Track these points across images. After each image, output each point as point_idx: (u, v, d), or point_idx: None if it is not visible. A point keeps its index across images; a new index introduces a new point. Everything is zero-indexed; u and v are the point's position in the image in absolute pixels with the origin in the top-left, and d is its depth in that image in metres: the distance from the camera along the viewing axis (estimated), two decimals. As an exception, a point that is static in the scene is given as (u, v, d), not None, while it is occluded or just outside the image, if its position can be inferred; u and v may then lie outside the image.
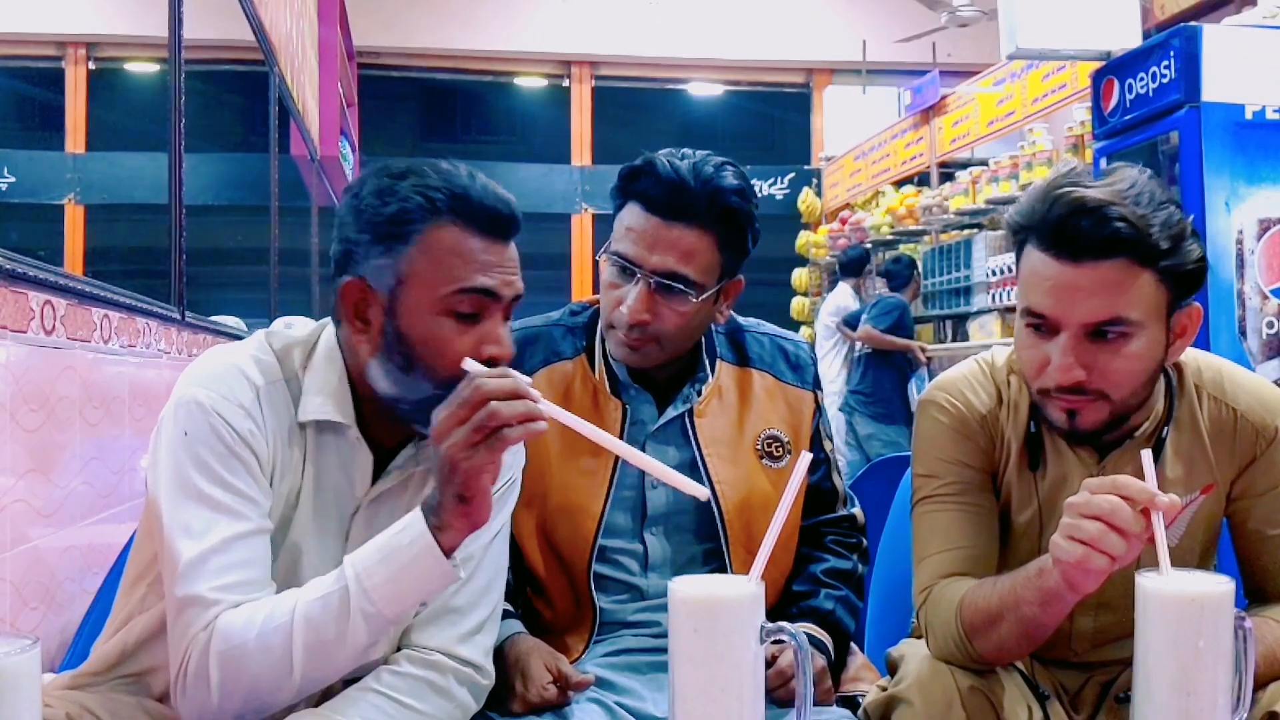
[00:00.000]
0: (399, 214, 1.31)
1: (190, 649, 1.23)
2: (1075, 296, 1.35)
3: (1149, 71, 4.34)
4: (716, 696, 1.04)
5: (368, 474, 1.38)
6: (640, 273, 1.59)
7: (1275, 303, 4.09)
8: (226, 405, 1.31)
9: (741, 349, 1.79)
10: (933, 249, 7.47)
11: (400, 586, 1.23)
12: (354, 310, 1.34)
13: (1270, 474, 1.49)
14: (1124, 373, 1.37)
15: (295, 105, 6.26)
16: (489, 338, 1.32)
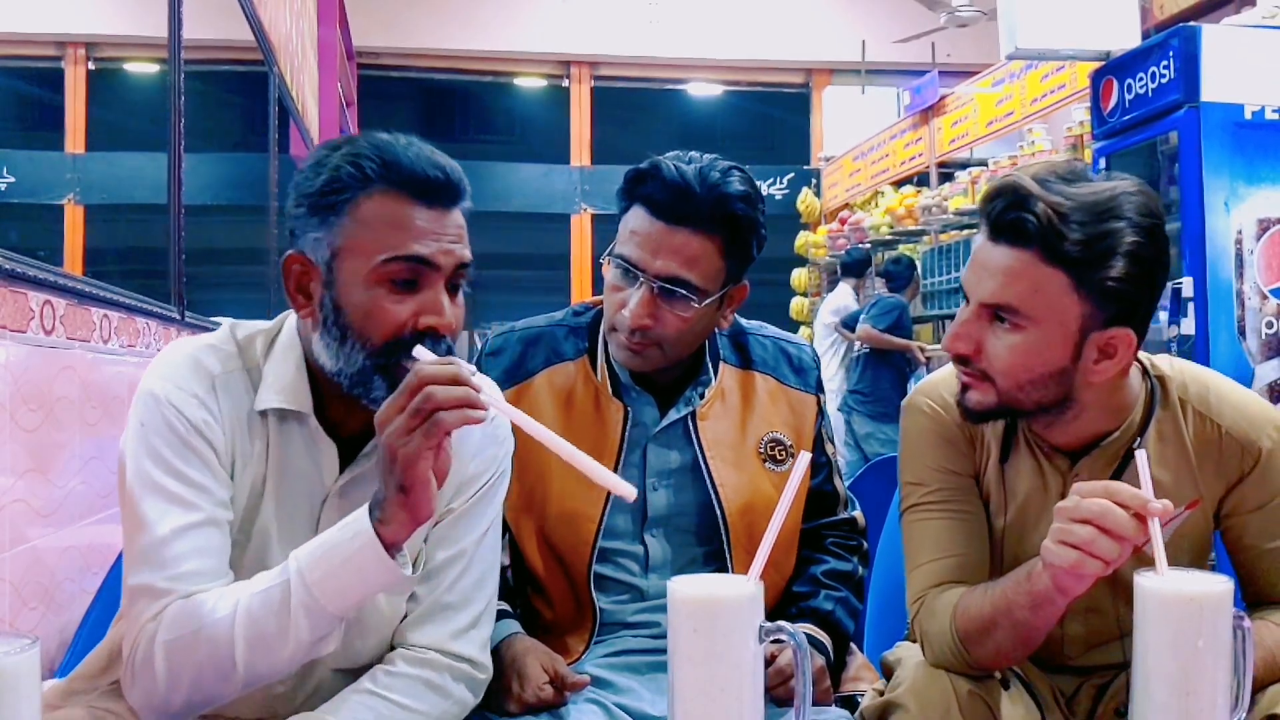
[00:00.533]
0: (330, 184, 1.30)
1: (139, 638, 1.23)
2: (982, 273, 1.38)
3: (1148, 71, 4.34)
4: (716, 696, 1.04)
5: (334, 462, 1.37)
6: (643, 277, 1.58)
7: (1274, 303, 4.09)
8: (180, 395, 1.31)
9: (744, 351, 1.79)
10: (932, 249, 7.48)
11: (342, 581, 1.21)
12: (295, 284, 1.33)
13: (1261, 491, 1.47)
14: (1007, 362, 1.38)
15: (295, 105, 6.26)
16: (428, 307, 1.29)
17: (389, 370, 1.27)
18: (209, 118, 8.44)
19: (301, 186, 1.32)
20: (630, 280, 1.61)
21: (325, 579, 1.20)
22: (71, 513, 1.96)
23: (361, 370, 1.29)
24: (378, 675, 1.34)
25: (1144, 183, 1.41)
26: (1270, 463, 1.46)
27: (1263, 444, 1.46)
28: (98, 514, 2.07)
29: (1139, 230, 1.34)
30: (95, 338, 2.09)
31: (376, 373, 1.29)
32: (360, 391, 1.30)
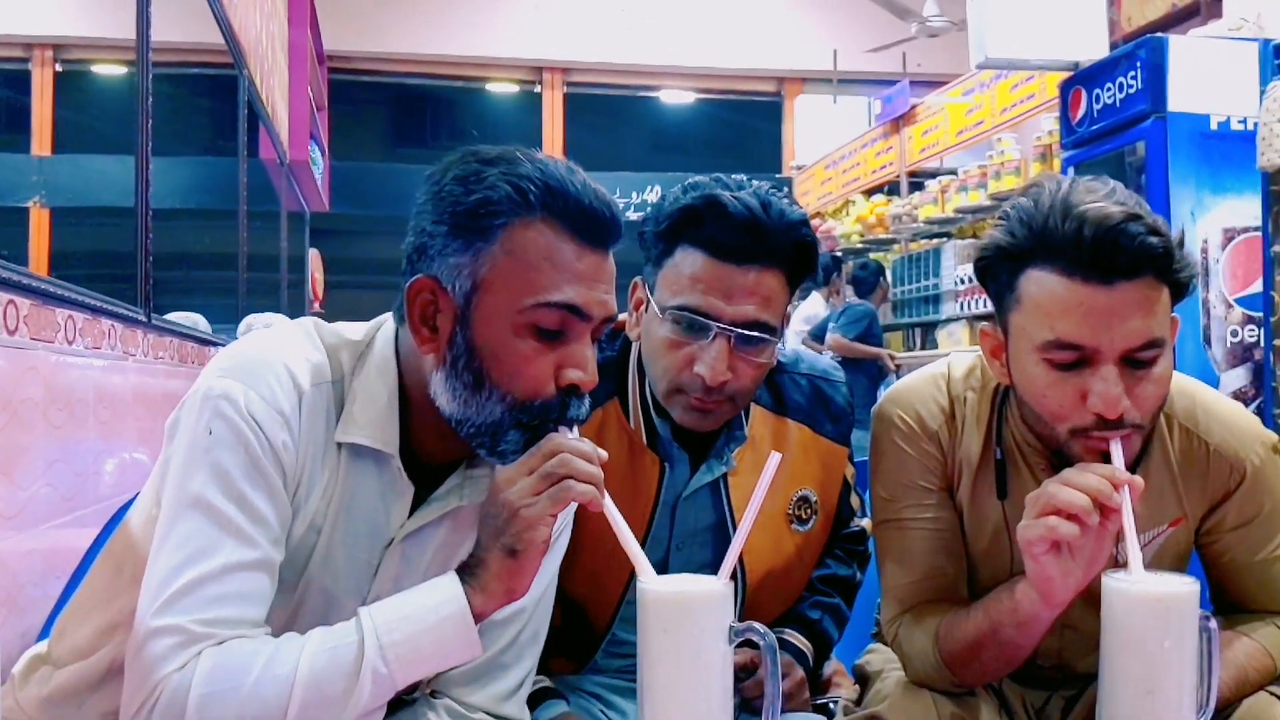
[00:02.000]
0: (483, 204, 1.13)
1: (162, 687, 1.04)
2: (1113, 321, 1.23)
3: (1116, 82, 4.39)
4: (685, 696, 1.03)
5: (406, 505, 1.22)
6: (717, 327, 1.41)
7: (1240, 311, 4.13)
8: (264, 410, 1.13)
9: (779, 394, 1.63)
10: (902, 257, 7.52)
11: (420, 650, 1.08)
12: (421, 314, 1.16)
13: (1245, 510, 1.44)
14: (1156, 399, 1.28)
15: (264, 108, 6.23)
16: (572, 360, 1.15)
17: (531, 429, 1.14)
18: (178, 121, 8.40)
19: (446, 201, 1.15)
20: (698, 334, 1.42)
21: (403, 643, 1.07)
22: (35, 515, 1.93)
23: (498, 423, 1.14)
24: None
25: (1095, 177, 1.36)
26: (1256, 481, 1.43)
27: (1250, 462, 1.43)
28: (62, 517, 2.05)
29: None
30: (60, 339, 2.07)
31: (514, 428, 1.14)
32: (484, 442, 1.16)
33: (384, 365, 1.21)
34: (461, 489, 1.24)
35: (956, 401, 1.49)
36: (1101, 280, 1.23)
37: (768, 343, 1.44)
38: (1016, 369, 1.34)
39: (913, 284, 7.19)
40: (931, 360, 1.61)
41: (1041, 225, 1.26)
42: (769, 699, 1.05)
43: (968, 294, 6.42)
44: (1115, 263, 1.22)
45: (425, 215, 1.16)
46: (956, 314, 6.62)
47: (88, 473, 2.20)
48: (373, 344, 1.23)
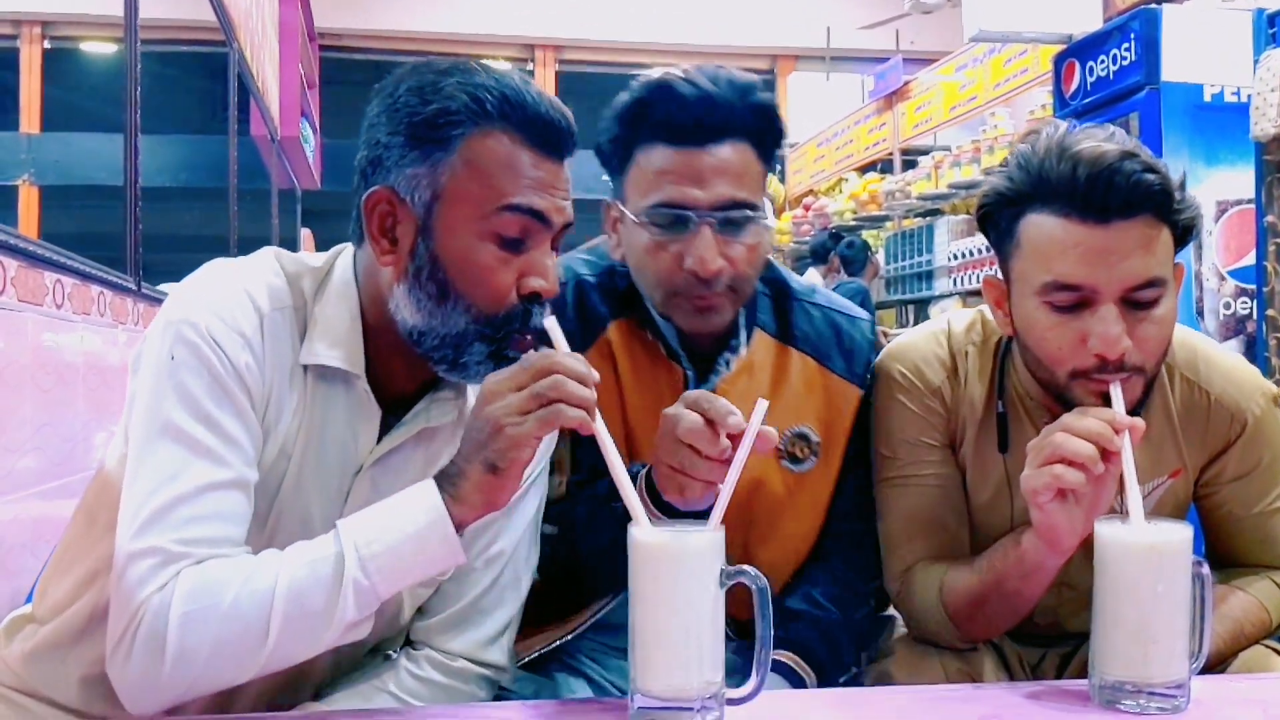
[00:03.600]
0: (441, 113, 1.13)
1: (144, 609, 1.04)
2: (1111, 260, 1.23)
3: (1109, 54, 4.37)
4: (677, 639, 1.03)
5: (374, 430, 1.22)
6: (695, 215, 1.36)
7: (1232, 284, 4.13)
8: (225, 332, 1.13)
9: (786, 320, 1.54)
10: (895, 234, 7.50)
11: (401, 560, 1.07)
12: (380, 226, 1.17)
13: (1244, 461, 1.45)
14: (1158, 340, 1.28)
15: (255, 84, 6.19)
16: (534, 268, 1.16)
17: (494, 339, 1.16)
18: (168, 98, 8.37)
19: (402, 112, 1.15)
20: (678, 230, 1.38)
21: (383, 555, 1.06)
22: (24, 479, 1.92)
23: (462, 334, 1.15)
24: (403, 677, 1.25)
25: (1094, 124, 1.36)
26: (1256, 431, 1.44)
27: (1251, 412, 1.43)
28: (50, 482, 2.04)
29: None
30: (48, 302, 2.06)
31: (479, 340, 1.15)
32: (447, 355, 1.17)
33: (344, 289, 1.22)
34: (428, 411, 1.24)
35: (958, 356, 1.49)
36: (1098, 219, 1.23)
37: (753, 220, 1.38)
38: (1018, 315, 1.33)
39: (906, 260, 7.17)
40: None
41: (1038, 168, 1.27)
42: (759, 642, 1.05)
43: (960, 269, 6.41)
44: (1110, 201, 1.22)
45: (379, 127, 1.16)
46: (949, 290, 6.61)
47: (76, 439, 2.19)
48: (332, 269, 1.24)
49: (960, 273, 6.44)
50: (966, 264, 6.31)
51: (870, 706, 1.15)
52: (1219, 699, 1.16)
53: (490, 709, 1.12)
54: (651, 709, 1.04)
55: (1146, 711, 1.10)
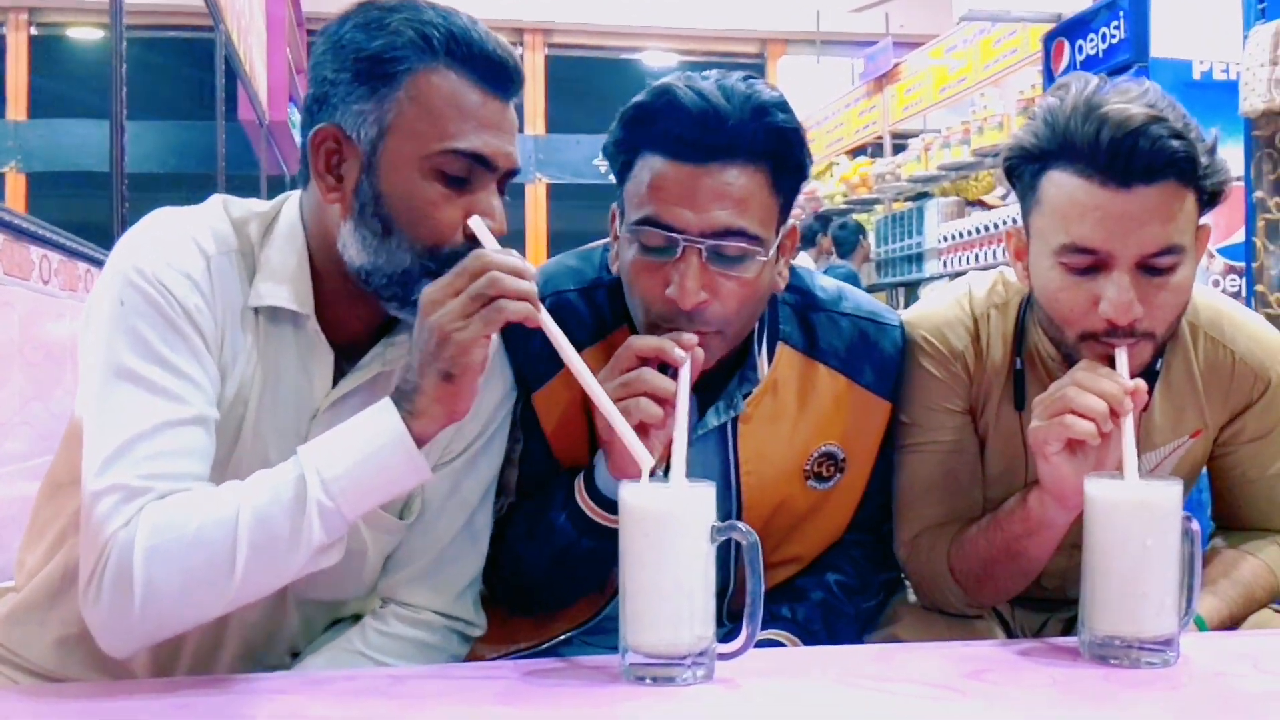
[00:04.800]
0: (387, 49, 1.12)
1: (110, 546, 1.03)
2: (1129, 226, 1.21)
3: (1098, 32, 4.37)
4: (669, 595, 1.03)
5: (328, 372, 1.21)
6: (684, 240, 1.24)
7: (1222, 261, 4.13)
8: (171, 274, 1.12)
9: (812, 333, 1.43)
10: (886, 217, 7.50)
11: (364, 480, 1.06)
12: (326, 163, 1.16)
13: (1263, 422, 1.45)
14: (1172, 307, 1.27)
15: (242, 67, 6.16)
16: (480, 208, 1.14)
17: (437, 276, 1.12)
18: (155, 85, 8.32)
19: (348, 49, 1.14)
20: (665, 251, 1.25)
21: (346, 476, 1.05)
22: (11, 455, 1.91)
23: (405, 271, 1.14)
24: (369, 634, 1.25)
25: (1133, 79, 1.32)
26: (1277, 393, 1.44)
27: (1274, 372, 1.43)
28: (38, 458, 2.03)
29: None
30: (35, 277, 2.05)
31: (424, 277, 1.13)
32: (395, 292, 1.16)
33: (291, 231, 1.21)
34: (384, 355, 1.23)
35: (980, 320, 1.48)
36: (1120, 183, 1.21)
37: (749, 254, 1.25)
38: (1034, 271, 1.33)
39: (896, 243, 7.18)
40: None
41: (1064, 126, 1.24)
42: (750, 596, 1.04)
43: (950, 251, 6.41)
44: (1133, 165, 1.20)
45: (325, 64, 1.16)
46: (940, 272, 6.61)
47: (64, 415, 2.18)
48: (279, 213, 1.23)
49: (950, 254, 6.43)
50: (956, 245, 6.31)
51: (860, 662, 1.16)
52: (1209, 654, 1.17)
53: (478, 668, 1.12)
54: (643, 664, 1.04)
55: (1136, 666, 1.10)
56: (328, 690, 1.05)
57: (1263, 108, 3.05)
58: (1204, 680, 1.09)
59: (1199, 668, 1.12)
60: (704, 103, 1.23)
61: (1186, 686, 1.06)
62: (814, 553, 1.49)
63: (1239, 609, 1.39)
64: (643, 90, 1.30)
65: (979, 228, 5.94)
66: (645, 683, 1.03)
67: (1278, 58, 2.99)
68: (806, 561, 1.48)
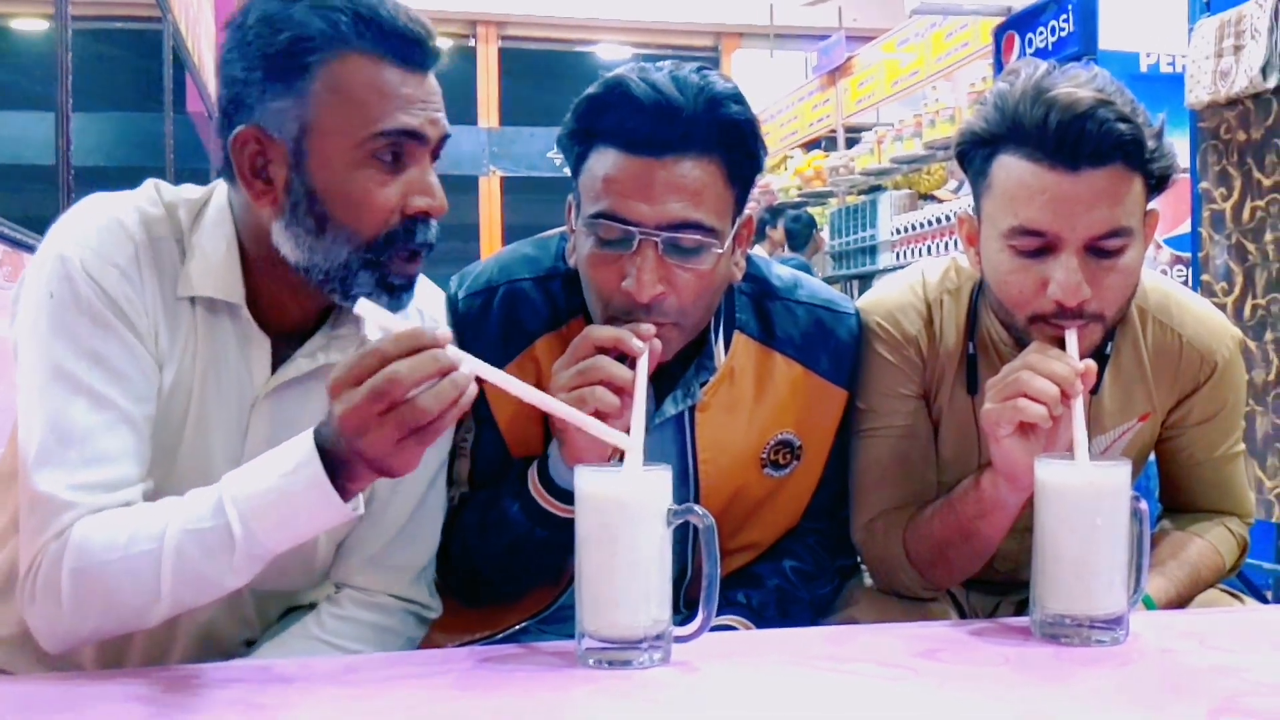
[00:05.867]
0: (296, 42, 1.09)
1: (40, 557, 1.05)
2: (1077, 209, 1.23)
3: (1048, 25, 4.43)
4: (625, 578, 1.03)
5: (266, 361, 1.19)
6: (639, 233, 1.24)
7: (1169, 252, 4.19)
8: (99, 265, 1.10)
9: (768, 321, 1.44)
10: (840, 210, 7.55)
11: (290, 528, 1.04)
12: (251, 167, 1.13)
13: (1209, 404, 1.47)
14: (1120, 289, 1.29)
15: (191, 59, 6.08)
16: (417, 187, 1.13)
17: (380, 265, 1.13)
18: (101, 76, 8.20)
19: (255, 45, 1.10)
20: (620, 244, 1.25)
21: (275, 528, 1.03)
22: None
23: (345, 265, 1.12)
24: (325, 619, 1.24)
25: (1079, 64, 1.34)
26: (1223, 375, 1.46)
27: (1220, 356, 1.45)
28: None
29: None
30: (-22, 268, 2.01)
31: (364, 268, 1.13)
32: (335, 287, 1.14)
33: (219, 217, 1.18)
34: (327, 347, 1.22)
35: (933, 306, 1.49)
36: (1068, 167, 1.22)
37: (705, 246, 1.25)
38: (985, 254, 1.34)
39: (850, 235, 7.22)
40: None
41: (1013, 110, 1.26)
42: (706, 579, 1.05)
43: (903, 244, 6.45)
44: (1080, 149, 1.22)
45: (234, 64, 1.13)
46: (893, 264, 6.65)
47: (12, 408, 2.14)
48: (209, 202, 1.20)
49: (903, 247, 6.48)
50: (909, 238, 6.36)
51: (815, 644, 1.16)
52: (1157, 632, 1.19)
53: (434, 654, 1.12)
54: (600, 648, 1.04)
55: (1087, 644, 1.12)
56: (281, 678, 1.04)
57: (1208, 100, 3.11)
58: (1152, 657, 1.11)
59: (1148, 645, 1.14)
60: (658, 95, 1.23)
61: (1135, 663, 1.08)
62: (770, 539, 1.49)
63: (1186, 589, 1.41)
64: (596, 82, 1.29)
65: (931, 220, 5.99)
66: (602, 666, 1.03)
67: (1223, 50, 3.04)
68: (763, 548, 1.49)
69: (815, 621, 1.48)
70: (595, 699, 0.97)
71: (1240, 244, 3.06)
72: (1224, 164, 3.13)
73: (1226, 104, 3.07)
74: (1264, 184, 2.98)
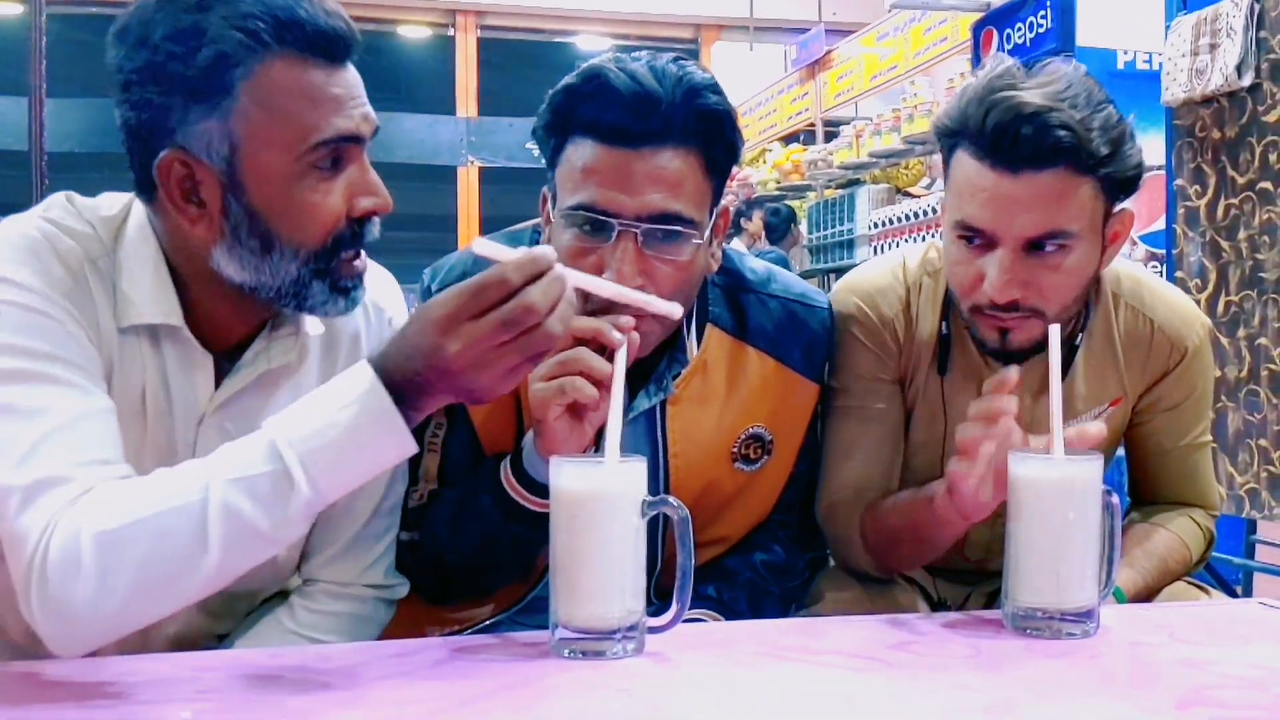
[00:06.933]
0: (217, 60, 1.03)
1: (49, 534, 0.95)
2: (1013, 209, 1.25)
3: (1026, 21, 4.44)
4: (600, 569, 1.03)
5: (210, 377, 1.16)
6: (619, 224, 1.24)
7: (1144, 249, 4.22)
8: (44, 287, 1.05)
9: (741, 314, 1.44)
10: (818, 204, 7.56)
11: (357, 469, 1.00)
12: (181, 192, 1.07)
13: (1178, 390, 1.49)
14: (1061, 288, 1.30)
15: (167, 44, 6.02)
16: (360, 187, 1.10)
17: (330, 272, 1.10)
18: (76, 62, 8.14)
19: (169, 66, 1.03)
20: (599, 236, 1.25)
21: (335, 468, 0.98)
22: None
23: (296, 280, 1.09)
24: (298, 612, 1.23)
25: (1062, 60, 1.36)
26: (1193, 362, 1.48)
27: (1190, 341, 1.47)
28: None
29: (1114, 104, 1.29)
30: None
31: (315, 278, 1.10)
32: (288, 302, 1.11)
33: (140, 235, 1.13)
34: (268, 352, 1.19)
35: (912, 290, 1.50)
36: (1008, 168, 1.25)
37: (684, 237, 1.25)
38: (944, 242, 1.38)
39: (828, 229, 7.24)
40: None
41: (963, 108, 1.29)
42: (680, 571, 1.05)
43: (881, 238, 6.47)
44: (1017, 152, 1.24)
45: (144, 86, 1.05)
46: (870, 258, 6.68)
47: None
48: (127, 220, 1.14)
49: (881, 241, 6.50)
50: (887, 232, 6.38)
51: (788, 635, 1.16)
52: (1128, 625, 1.20)
53: (409, 644, 1.11)
54: (573, 639, 1.04)
55: (1058, 636, 1.12)
56: (253, 668, 1.03)
57: (1183, 97, 3.13)
58: (1122, 650, 1.12)
59: (1118, 638, 1.15)
60: (636, 86, 1.22)
61: (1105, 656, 1.09)
62: (740, 533, 1.49)
63: (1154, 581, 1.42)
64: (572, 72, 1.28)
65: (908, 214, 6.01)
66: (576, 657, 1.03)
67: (1198, 48, 3.06)
68: (733, 541, 1.49)
69: (785, 614, 1.48)
70: (568, 687, 0.97)
71: (1214, 241, 3.08)
72: (1199, 161, 3.14)
73: (1202, 102, 3.09)
74: (1238, 182, 3.00)
